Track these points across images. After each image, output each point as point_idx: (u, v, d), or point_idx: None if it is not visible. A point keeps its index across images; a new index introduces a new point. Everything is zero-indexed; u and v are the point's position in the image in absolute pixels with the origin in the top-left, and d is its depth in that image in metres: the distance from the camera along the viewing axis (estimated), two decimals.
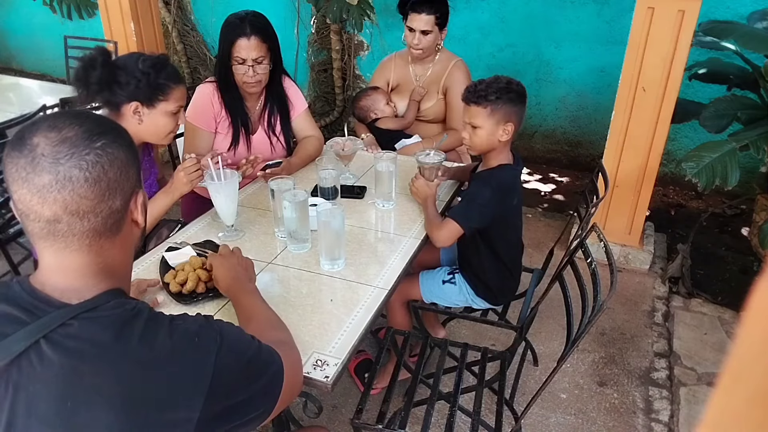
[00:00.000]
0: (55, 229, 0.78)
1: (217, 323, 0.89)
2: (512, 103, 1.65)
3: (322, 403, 1.45)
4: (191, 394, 0.80)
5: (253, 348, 0.91)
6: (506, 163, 1.74)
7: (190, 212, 2.08)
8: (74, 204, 0.77)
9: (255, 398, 0.89)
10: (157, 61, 1.65)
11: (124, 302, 0.83)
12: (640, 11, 2.41)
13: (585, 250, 1.57)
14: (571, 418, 2.04)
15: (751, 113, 2.66)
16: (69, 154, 0.76)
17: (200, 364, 0.81)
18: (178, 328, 0.83)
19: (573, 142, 4.04)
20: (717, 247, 3.09)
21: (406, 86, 2.61)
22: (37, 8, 5.11)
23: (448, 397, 1.66)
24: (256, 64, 1.98)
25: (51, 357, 0.75)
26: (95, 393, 0.75)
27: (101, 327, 0.78)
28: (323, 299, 1.43)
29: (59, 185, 0.76)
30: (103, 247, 0.82)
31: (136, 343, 0.78)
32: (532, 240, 3.07)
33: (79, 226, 0.78)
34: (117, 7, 3.40)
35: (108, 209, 0.80)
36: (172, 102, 1.68)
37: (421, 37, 2.40)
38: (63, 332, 0.76)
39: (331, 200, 1.80)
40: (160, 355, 0.79)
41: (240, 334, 0.92)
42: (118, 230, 0.83)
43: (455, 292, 1.90)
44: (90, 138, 0.78)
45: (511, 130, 1.67)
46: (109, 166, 0.79)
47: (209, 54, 4.79)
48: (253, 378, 0.89)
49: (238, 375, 0.86)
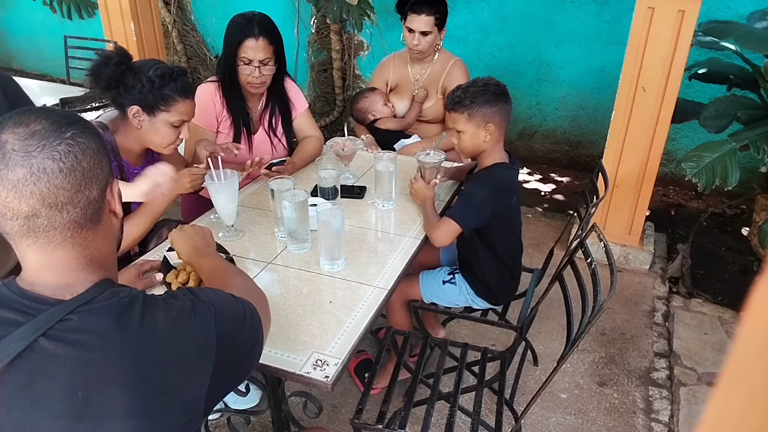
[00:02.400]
0: (35, 225, 0.77)
1: (203, 293, 0.91)
2: (489, 105, 1.65)
3: (322, 403, 1.45)
4: (199, 360, 0.83)
5: (238, 305, 0.94)
6: (501, 161, 1.75)
7: (190, 212, 2.08)
8: (51, 196, 0.76)
9: (249, 352, 0.94)
10: (169, 72, 1.64)
11: (117, 291, 0.83)
12: (640, 11, 2.41)
13: (585, 250, 1.57)
14: (571, 418, 2.04)
15: (751, 113, 2.66)
16: (40, 146, 0.76)
17: (203, 333, 0.84)
18: (174, 306, 0.85)
19: (573, 142, 4.04)
20: (717, 247, 3.09)
21: (405, 87, 2.61)
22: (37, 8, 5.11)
23: (448, 397, 1.66)
24: (262, 66, 1.98)
25: (54, 352, 0.75)
26: (106, 379, 0.75)
27: (101, 317, 0.78)
28: (323, 299, 1.43)
29: (34, 178, 0.75)
30: (86, 239, 0.82)
31: (138, 328, 0.79)
32: (532, 240, 3.07)
33: (59, 218, 0.77)
34: (117, 7, 3.40)
35: (86, 199, 0.80)
36: (175, 114, 1.66)
37: (420, 37, 2.40)
38: (63, 327, 0.76)
39: (331, 200, 1.80)
40: (161, 335, 0.81)
41: (222, 295, 0.94)
42: (98, 220, 0.83)
43: (455, 292, 1.90)
44: (59, 129, 0.78)
45: (493, 131, 1.67)
46: (82, 155, 0.79)
47: (209, 54, 4.79)
48: (245, 333, 0.93)
49: (236, 336, 0.90)
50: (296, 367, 1.19)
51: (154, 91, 1.62)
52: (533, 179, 3.95)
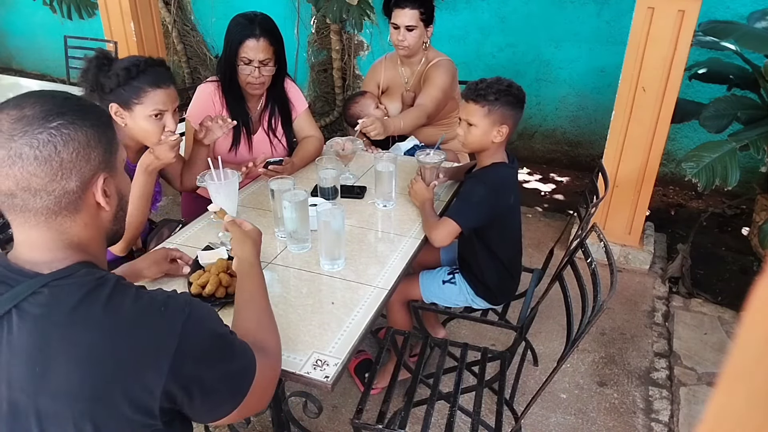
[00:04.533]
0: (13, 204, 0.80)
1: (188, 298, 0.88)
2: (510, 106, 1.65)
3: (322, 403, 1.45)
4: (157, 355, 0.80)
5: (226, 332, 0.91)
6: (500, 161, 1.75)
7: (190, 212, 2.08)
8: (24, 181, 0.79)
9: (222, 381, 0.87)
10: (135, 64, 1.61)
11: (94, 271, 0.84)
12: (640, 11, 2.41)
13: (585, 250, 1.57)
14: (571, 418, 2.04)
15: (751, 113, 2.66)
16: (22, 132, 0.78)
17: (166, 328, 0.82)
18: (144, 296, 0.84)
19: (573, 142, 4.04)
20: (717, 247, 3.09)
21: (396, 88, 2.60)
22: (37, 8, 5.12)
23: (448, 397, 1.66)
24: (262, 66, 1.99)
25: (19, 326, 0.77)
26: (62, 355, 0.76)
27: (68, 293, 0.79)
28: (323, 299, 1.43)
29: (10, 161, 0.78)
30: (62, 225, 0.83)
31: (100, 309, 0.79)
32: (532, 240, 3.07)
33: (32, 202, 0.80)
34: (117, 7, 3.40)
35: (61, 189, 0.81)
36: (149, 105, 1.62)
37: (405, 33, 2.38)
38: (32, 300, 0.78)
39: (331, 200, 1.80)
40: (123, 320, 0.80)
41: (213, 315, 0.91)
42: (75, 210, 0.84)
43: (455, 292, 1.90)
44: (46, 118, 0.79)
45: (505, 133, 1.67)
46: (62, 147, 0.80)
47: (209, 54, 4.79)
48: (222, 357, 0.87)
49: (206, 346, 0.85)
50: (296, 367, 1.19)
51: (125, 86, 1.61)
52: (533, 179, 3.95)
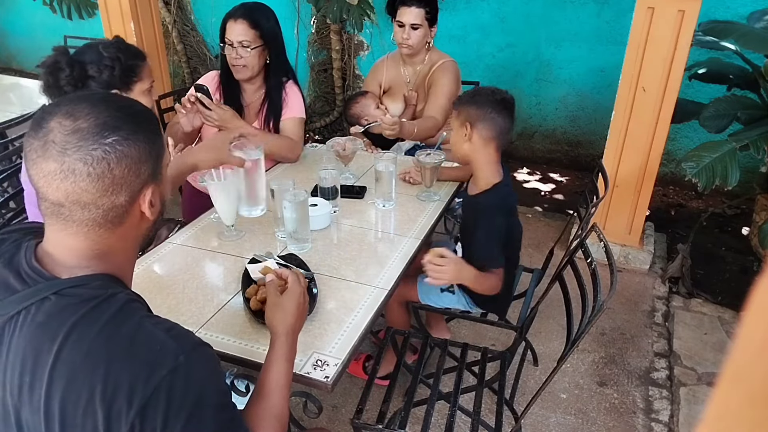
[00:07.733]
0: (58, 212, 0.79)
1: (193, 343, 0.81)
2: (476, 106, 1.60)
3: (322, 403, 1.45)
4: (131, 396, 0.73)
5: (222, 402, 0.82)
6: (497, 181, 1.66)
7: (190, 212, 2.08)
8: (75, 195, 0.78)
9: None
10: (120, 44, 1.63)
11: (108, 285, 0.82)
12: (640, 11, 2.41)
13: (585, 250, 1.57)
14: (571, 418, 2.04)
15: (751, 113, 2.66)
16: (77, 147, 0.76)
17: (142, 379, 0.74)
18: (145, 328, 0.78)
19: (573, 142, 4.04)
20: (717, 247, 3.09)
21: (398, 88, 2.59)
22: (37, 8, 5.12)
23: (448, 397, 1.66)
24: (241, 47, 2.01)
25: (23, 330, 0.77)
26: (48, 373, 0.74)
27: (72, 306, 0.77)
28: (323, 299, 1.43)
29: (62, 175, 0.76)
30: (101, 236, 0.82)
31: (95, 332, 0.75)
32: (532, 240, 3.07)
33: (80, 214, 0.79)
34: (117, 7, 3.40)
35: (110, 203, 0.80)
36: (146, 80, 1.67)
37: (410, 31, 2.37)
38: (40, 306, 0.78)
39: (331, 200, 1.80)
40: (112, 349, 0.75)
41: (214, 376, 0.82)
42: (120, 223, 0.83)
43: (454, 300, 1.89)
44: (101, 133, 0.77)
45: (469, 133, 1.60)
46: (116, 164, 0.78)
47: (209, 54, 4.79)
48: (200, 426, 0.77)
49: (184, 407, 0.76)
50: (296, 367, 1.18)
51: (123, 67, 1.59)
52: (533, 179, 3.95)
